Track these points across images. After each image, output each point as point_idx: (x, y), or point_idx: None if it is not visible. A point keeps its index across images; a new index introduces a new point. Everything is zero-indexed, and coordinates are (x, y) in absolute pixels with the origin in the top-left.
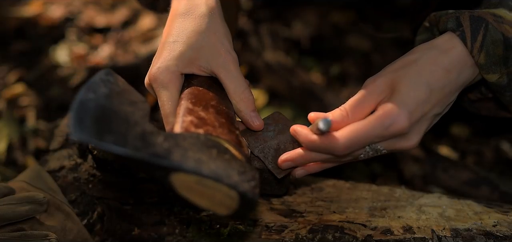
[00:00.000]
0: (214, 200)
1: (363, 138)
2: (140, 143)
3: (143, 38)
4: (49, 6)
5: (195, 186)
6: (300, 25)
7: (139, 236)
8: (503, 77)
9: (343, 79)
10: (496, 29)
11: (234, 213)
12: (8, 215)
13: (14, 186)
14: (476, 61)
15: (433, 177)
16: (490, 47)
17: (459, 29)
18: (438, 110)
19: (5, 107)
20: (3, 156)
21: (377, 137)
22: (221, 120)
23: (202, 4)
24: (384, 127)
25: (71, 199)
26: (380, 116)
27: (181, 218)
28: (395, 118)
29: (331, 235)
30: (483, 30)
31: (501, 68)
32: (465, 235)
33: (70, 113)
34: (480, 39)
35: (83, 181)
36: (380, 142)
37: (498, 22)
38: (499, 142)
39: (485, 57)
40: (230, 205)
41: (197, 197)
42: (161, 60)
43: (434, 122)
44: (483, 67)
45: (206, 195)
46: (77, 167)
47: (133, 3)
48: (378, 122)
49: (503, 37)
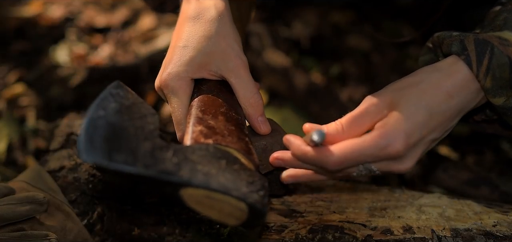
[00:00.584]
0: (224, 212)
1: (357, 156)
2: (149, 160)
3: (143, 38)
4: (49, 6)
5: (204, 199)
6: (300, 25)
7: (139, 236)
8: (509, 100)
9: (343, 79)
10: (502, 53)
11: (244, 223)
12: (8, 215)
13: (14, 186)
14: (482, 86)
15: (433, 177)
16: (497, 71)
17: (464, 53)
18: (436, 136)
19: (5, 107)
20: (3, 156)
21: (372, 156)
22: (231, 128)
23: (212, 7)
24: (379, 147)
25: (71, 199)
26: (376, 136)
27: (181, 218)
28: (391, 141)
29: (331, 235)
30: (489, 54)
31: (507, 91)
32: (465, 235)
33: (81, 133)
34: (486, 63)
35: (83, 181)
36: (374, 162)
37: (504, 45)
38: (499, 142)
39: (491, 81)
40: (240, 216)
41: (206, 209)
42: (171, 65)
43: (430, 146)
44: (489, 91)
45: (215, 207)
46: (77, 167)
47: (133, 3)
48: (374, 142)
49: (509, 61)
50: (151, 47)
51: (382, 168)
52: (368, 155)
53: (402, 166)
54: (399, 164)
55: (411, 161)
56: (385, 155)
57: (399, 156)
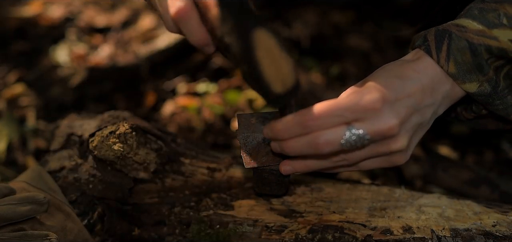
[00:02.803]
0: (280, 72)
1: (334, 108)
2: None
3: (143, 38)
4: (49, 6)
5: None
6: (300, 25)
7: (139, 236)
8: (483, 85)
9: (343, 79)
10: (459, 37)
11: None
12: (9, 215)
13: (15, 186)
14: (447, 71)
15: (433, 177)
16: (458, 55)
17: (424, 43)
18: (415, 105)
19: (5, 107)
20: (3, 156)
21: (349, 110)
22: None
23: None
24: (354, 101)
25: (71, 199)
26: (349, 90)
27: (181, 218)
28: (365, 92)
29: (331, 235)
30: (447, 40)
31: (478, 76)
32: (464, 235)
33: None
34: (445, 48)
35: (84, 181)
36: (356, 121)
37: (461, 31)
38: (499, 142)
39: (454, 65)
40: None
41: (267, 62)
42: None
43: (419, 131)
44: (456, 77)
45: (276, 63)
46: (77, 167)
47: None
48: (349, 95)
49: (468, 44)
50: (151, 47)
51: (369, 129)
52: (344, 108)
53: (386, 123)
54: (382, 121)
55: (405, 137)
56: (362, 108)
57: (376, 107)
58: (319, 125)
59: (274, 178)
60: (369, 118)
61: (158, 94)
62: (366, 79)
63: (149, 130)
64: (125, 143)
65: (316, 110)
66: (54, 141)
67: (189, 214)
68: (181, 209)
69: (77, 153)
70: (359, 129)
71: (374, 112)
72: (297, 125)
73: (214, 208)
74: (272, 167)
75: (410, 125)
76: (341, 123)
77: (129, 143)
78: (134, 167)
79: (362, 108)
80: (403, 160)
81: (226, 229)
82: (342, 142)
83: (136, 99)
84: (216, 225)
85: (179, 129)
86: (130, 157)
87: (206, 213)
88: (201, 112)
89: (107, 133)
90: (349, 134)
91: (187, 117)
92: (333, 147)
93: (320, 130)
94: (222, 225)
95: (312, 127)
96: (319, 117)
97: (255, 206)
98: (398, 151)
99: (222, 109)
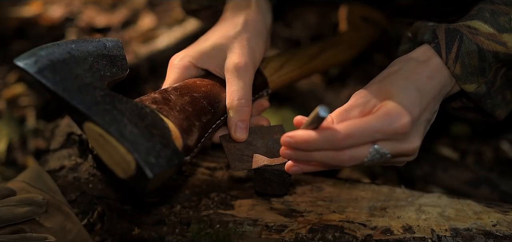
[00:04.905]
0: (113, 158)
1: (365, 130)
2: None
3: (143, 38)
4: (49, 6)
5: (99, 137)
6: (300, 25)
7: (139, 236)
8: (481, 86)
9: (343, 79)
10: (470, 41)
11: (130, 179)
12: (7, 216)
13: (14, 186)
14: (452, 72)
15: (433, 177)
16: (466, 59)
17: (434, 41)
18: (428, 116)
19: (5, 107)
20: (3, 156)
21: (380, 132)
22: (188, 108)
23: (242, 14)
24: (386, 123)
25: (71, 198)
26: (381, 113)
27: (181, 218)
28: (397, 115)
29: (331, 235)
30: (457, 42)
31: (478, 78)
32: (464, 235)
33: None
34: (454, 50)
35: (83, 180)
36: (383, 140)
37: (472, 34)
38: (499, 142)
39: (460, 68)
40: (126, 169)
41: (100, 149)
42: (185, 50)
43: (427, 128)
44: (459, 78)
45: (107, 150)
46: (77, 166)
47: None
48: (380, 118)
49: (477, 48)
50: (151, 47)
51: (393, 149)
52: (376, 130)
53: (410, 145)
54: (408, 143)
55: (417, 138)
56: (394, 130)
57: (406, 131)
58: (349, 144)
59: (276, 177)
60: (397, 140)
61: None
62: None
63: None
64: None
65: (347, 130)
66: (54, 140)
67: (189, 213)
68: (181, 209)
69: (77, 152)
70: (384, 148)
71: (404, 135)
72: (325, 141)
73: (214, 207)
74: (274, 167)
75: (423, 134)
76: (369, 142)
77: None
78: None
79: (394, 131)
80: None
81: (226, 229)
82: (366, 160)
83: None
84: (216, 225)
85: None
86: None
87: (206, 213)
88: None
89: None
90: (374, 152)
91: None
92: (357, 162)
93: (349, 148)
94: (222, 225)
95: (343, 145)
96: (350, 137)
97: (255, 205)
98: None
99: None
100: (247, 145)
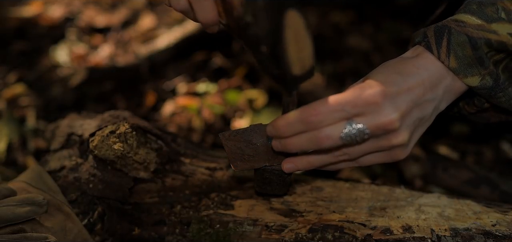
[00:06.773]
0: (302, 53)
1: (335, 103)
2: None
3: (143, 38)
4: (49, 6)
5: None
6: None
7: (139, 236)
8: (485, 78)
9: (342, 79)
10: (459, 32)
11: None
12: (8, 216)
13: (14, 186)
14: (448, 66)
15: (433, 176)
16: (458, 50)
17: (424, 40)
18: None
19: (5, 107)
20: (3, 156)
21: (350, 104)
22: None
23: None
24: (356, 95)
25: (71, 199)
26: (353, 87)
27: (181, 218)
28: (368, 86)
29: (331, 235)
30: (446, 35)
31: (479, 69)
32: (464, 235)
33: None
34: (445, 44)
35: (84, 180)
36: (357, 116)
37: (460, 26)
38: (499, 142)
39: (455, 60)
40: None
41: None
42: None
43: (420, 126)
44: (458, 71)
45: (300, 44)
46: (77, 166)
47: (133, 3)
48: (351, 90)
49: (468, 38)
50: (151, 47)
51: (369, 124)
52: (345, 102)
53: (386, 118)
54: (382, 115)
55: (406, 132)
56: (363, 102)
57: (376, 101)
58: (321, 121)
59: (276, 177)
60: (369, 112)
61: (158, 94)
62: (367, 76)
63: (149, 129)
64: (125, 142)
65: (317, 107)
66: (54, 140)
67: (189, 213)
68: (181, 209)
69: (77, 153)
70: (359, 123)
71: (375, 106)
72: (299, 121)
73: (214, 207)
74: (274, 167)
75: (411, 119)
76: (342, 118)
77: (129, 142)
78: (134, 167)
79: (363, 102)
80: (404, 154)
81: (226, 229)
82: (342, 136)
83: (136, 99)
84: (216, 225)
85: (179, 129)
86: (130, 157)
87: (206, 213)
88: (201, 113)
89: (107, 133)
90: (350, 127)
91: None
92: (334, 141)
93: (322, 125)
94: (222, 225)
95: (314, 123)
96: (320, 113)
97: (255, 205)
98: (399, 145)
99: (222, 109)
100: (247, 144)
